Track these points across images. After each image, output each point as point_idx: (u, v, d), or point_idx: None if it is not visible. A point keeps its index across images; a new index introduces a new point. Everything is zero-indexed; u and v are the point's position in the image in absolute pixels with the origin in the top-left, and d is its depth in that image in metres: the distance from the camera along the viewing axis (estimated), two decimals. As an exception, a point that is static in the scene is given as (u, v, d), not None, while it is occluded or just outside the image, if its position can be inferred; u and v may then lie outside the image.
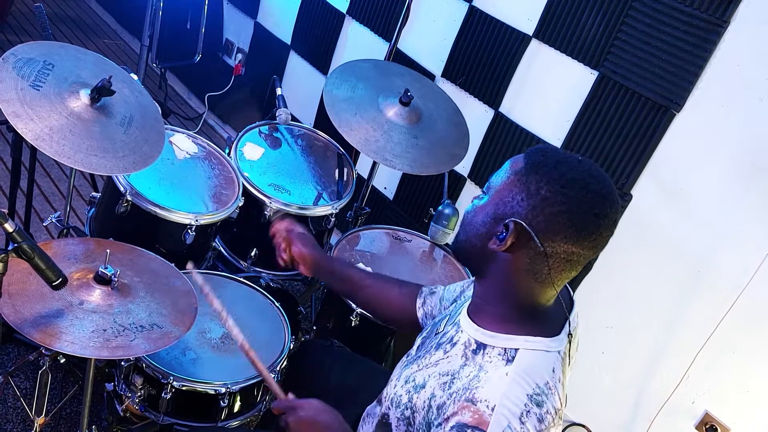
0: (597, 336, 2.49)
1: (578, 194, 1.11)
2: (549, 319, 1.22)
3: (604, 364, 2.50)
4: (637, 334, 2.40)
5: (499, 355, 1.16)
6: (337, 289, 1.75)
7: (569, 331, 1.23)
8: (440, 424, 1.13)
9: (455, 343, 1.25)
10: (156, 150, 1.92)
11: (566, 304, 1.27)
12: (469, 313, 1.27)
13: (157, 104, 2.09)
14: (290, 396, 1.43)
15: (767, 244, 2.06)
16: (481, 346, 1.19)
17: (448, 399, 1.15)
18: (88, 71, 1.90)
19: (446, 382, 1.18)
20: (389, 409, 1.30)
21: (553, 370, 1.16)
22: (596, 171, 1.15)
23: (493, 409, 1.08)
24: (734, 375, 2.18)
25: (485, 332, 1.20)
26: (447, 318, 1.39)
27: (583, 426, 2.58)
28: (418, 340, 1.43)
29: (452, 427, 1.10)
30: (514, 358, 1.15)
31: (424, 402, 1.20)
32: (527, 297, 1.19)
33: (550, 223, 1.12)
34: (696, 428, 2.28)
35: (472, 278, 1.37)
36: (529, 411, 1.09)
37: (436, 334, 1.36)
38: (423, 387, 1.22)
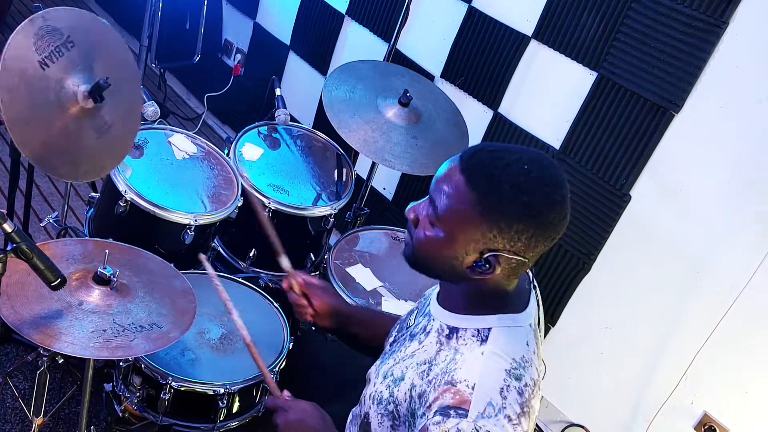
0: (596, 336, 2.49)
1: (548, 208, 1.11)
2: (515, 295, 1.24)
3: (603, 365, 2.50)
4: (636, 334, 2.40)
5: (472, 336, 1.18)
6: (359, 335, 1.66)
7: (538, 302, 1.27)
8: (424, 414, 1.14)
9: (429, 332, 1.26)
10: (115, 162, 1.87)
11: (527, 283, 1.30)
12: (439, 301, 1.29)
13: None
14: (285, 394, 1.43)
15: (766, 244, 2.06)
16: (453, 330, 1.21)
17: (428, 386, 1.16)
18: (102, 63, 1.82)
19: (424, 371, 1.19)
20: (370, 408, 1.31)
21: (527, 344, 1.18)
22: (549, 173, 1.13)
23: (473, 388, 1.10)
24: (733, 376, 2.18)
25: (456, 316, 1.22)
26: (416, 312, 1.40)
27: (582, 426, 2.58)
28: (390, 339, 1.45)
29: (435, 412, 1.11)
30: (487, 337, 1.17)
31: (405, 394, 1.21)
32: (495, 286, 1.21)
33: (528, 241, 1.13)
34: (695, 429, 2.29)
35: None
36: (509, 386, 1.11)
37: (407, 327, 1.38)
38: (402, 379, 1.23)
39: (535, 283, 1.33)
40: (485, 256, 1.14)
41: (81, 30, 1.79)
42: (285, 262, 1.66)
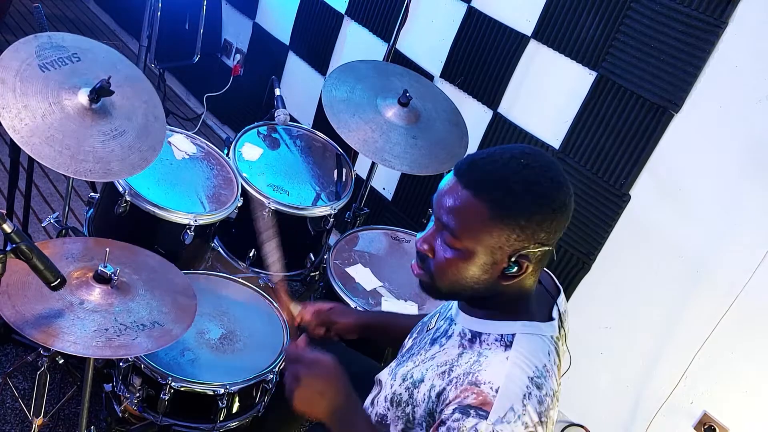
0: (595, 336, 2.49)
1: (561, 205, 1.14)
2: (538, 305, 1.25)
3: (603, 365, 2.50)
4: (636, 334, 2.40)
5: (496, 341, 1.18)
6: (379, 340, 1.71)
7: (560, 314, 1.26)
8: (441, 410, 1.14)
9: (450, 336, 1.26)
10: (123, 172, 1.83)
11: (552, 290, 1.30)
12: (461, 307, 1.29)
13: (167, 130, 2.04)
14: (302, 341, 1.32)
15: (766, 244, 2.06)
16: (476, 335, 1.22)
17: (448, 385, 1.16)
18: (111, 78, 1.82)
19: (445, 371, 1.20)
20: (388, 410, 1.30)
21: (549, 354, 1.19)
22: (554, 171, 1.15)
23: (497, 391, 1.10)
24: (733, 375, 2.18)
25: (479, 321, 1.23)
26: (437, 315, 1.40)
27: (582, 426, 2.58)
28: (409, 341, 1.44)
29: (455, 410, 1.10)
30: (512, 342, 1.17)
31: (424, 395, 1.21)
32: (521, 289, 1.21)
33: (549, 228, 1.14)
34: (694, 429, 2.29)
35: None
36: (530, 393, 1.11)
37: (427, 330, 1.38)
38: (422, 381, 1.23)
39: (566, 307, 1.33)
40: (513, 258, 1.14)
41: (88, 50, 1.83)
42: (295, 308, 1.69)
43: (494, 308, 1.22)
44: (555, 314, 1.25)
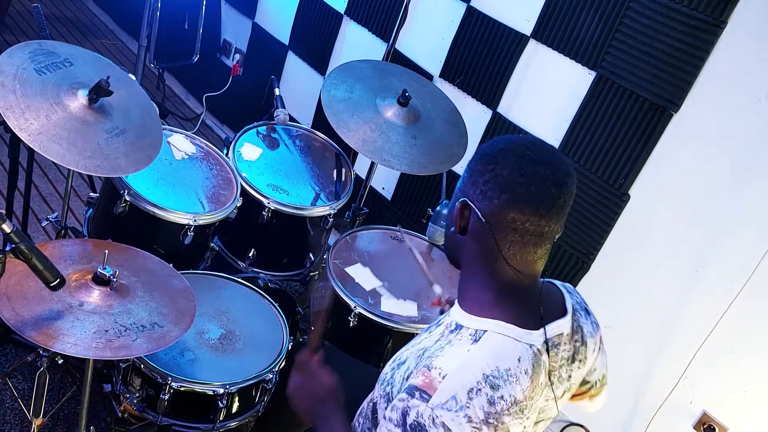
0: (595, 336, 2.49)
1: (503, 159, 1.15)
2: (529, 313, 1.22)
3: (602, 364, 2.50)
4: (635, 334, 2.40)
5: (470, 335, 1.19)
6: None
7: (545, 335, 1.21)
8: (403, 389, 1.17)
9: (440, 324, 1.29)
10: (130, 168, 1.85)
11: (557, 311, 1.29)
12: (458, 300, 1.30)
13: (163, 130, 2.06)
14: (317, 358, 1.44)
15: (764, 244, 2.06)
16: (458, 327, 1.22)
17: (415, 369, 1.18)
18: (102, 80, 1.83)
19: (419, 356, 1.21)
20: (376, 389, 1.32)
21: (519, 360, 1.16)
22: (529, 140, 1.19)
23: (443, 378, 1.10)
24: (732, 375, 2.19)
25: (465, 314, 1.24)
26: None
27: (581, 426, 2.58)
28: None
29: (404, 389, 1.13)
30: (480, 338, 1.17)
31: (401, 376, 1.22)
32: (493, 277, 1.21)
33: (484, 192, 1.16)
34: (694, 428, 2.29)
35: None
36: (480, 390, 1.09)
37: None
38: (404, 363, 1.25)
39: (568, 310, 1.32)
40: (458, 202, 1.20)
41: (79, 56, 1.85)
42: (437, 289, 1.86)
43: (480, 301, 1.22)
44: (542, 332, 1.22)
